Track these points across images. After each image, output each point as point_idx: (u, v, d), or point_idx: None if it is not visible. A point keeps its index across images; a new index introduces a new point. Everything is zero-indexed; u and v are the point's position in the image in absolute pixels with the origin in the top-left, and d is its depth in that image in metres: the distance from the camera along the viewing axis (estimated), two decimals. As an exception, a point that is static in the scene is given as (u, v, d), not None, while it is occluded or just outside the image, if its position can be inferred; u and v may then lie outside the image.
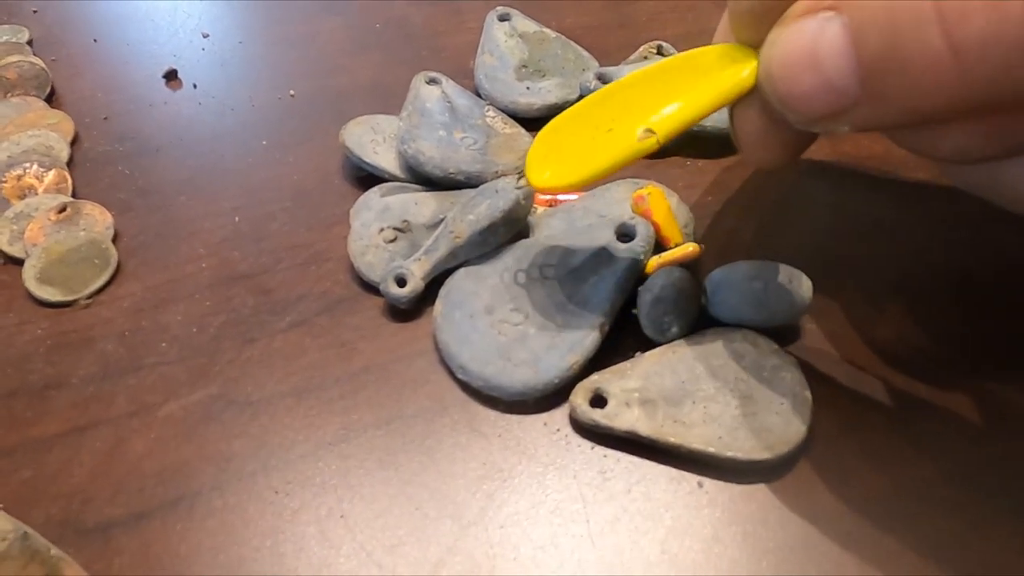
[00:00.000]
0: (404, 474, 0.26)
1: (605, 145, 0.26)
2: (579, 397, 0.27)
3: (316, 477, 0.26)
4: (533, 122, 0.37)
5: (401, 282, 0.30)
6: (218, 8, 0.47)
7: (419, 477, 0.26)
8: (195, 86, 0.41)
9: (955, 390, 0.28)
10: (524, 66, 0.40)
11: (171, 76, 0.42)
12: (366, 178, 0.35)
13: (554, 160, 0.27)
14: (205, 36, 0.45)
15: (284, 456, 0.27)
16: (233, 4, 0.47)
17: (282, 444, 0.27)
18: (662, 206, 0.31)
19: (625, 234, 0.30)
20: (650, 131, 0.25)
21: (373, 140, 0.36)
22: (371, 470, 0.26)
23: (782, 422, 0.26)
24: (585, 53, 0.41)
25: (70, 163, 0.37)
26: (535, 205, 0.34)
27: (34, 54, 0.42)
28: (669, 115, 0.25)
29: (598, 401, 0.27)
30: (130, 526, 0.25)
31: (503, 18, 0.43)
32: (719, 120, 0.33)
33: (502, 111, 0.38)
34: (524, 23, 0.43)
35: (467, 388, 0.28)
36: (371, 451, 0.27)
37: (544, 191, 0.30)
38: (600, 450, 0.27)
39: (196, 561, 0.24)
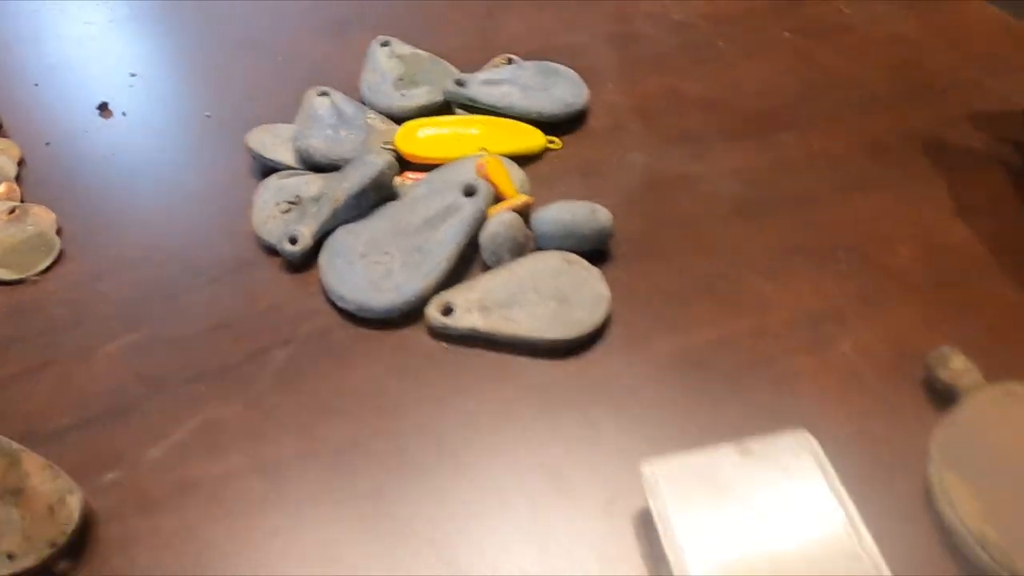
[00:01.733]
0: (309, 381, 0.34)
1: (455, 144, 0.36)
2: (432, 308, 0.35)
3: (228, 382, 0.33)
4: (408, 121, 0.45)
5: (293, 241, 0.38)
6: (145, 51, 0.55)
7: (319, 382, 0.34)
8: (124, 114, 0.49)
9: (722, 284, 0.36)
10: (401, 79, 0.49)
11: (103, 107, 0.50)
12: (268, 171, 0.43)
13: (414, 140, 0.36)
14: (133, 75, 0.52)
15: (201, 369, 0.34)
16: (159, 44, 0.55)
17: (199, 364, 0.34)
18: (499, 170, 0.40)
19: (469, 191, 0.38)
20: (484, 150, 0.34)
21: (273, 142, 0.44)
22: (277, 381, 0.34)
23: (587, 315, 0.34)
24: (452, 67, 0.50)
25: (18, 178, 0.44)
26: (405, 180, 0.42)
27: (-16, 98, 0.50)
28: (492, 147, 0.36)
29: (447, 311, 0.35)
30: (80, 429, 0.32)
31: (384, 44, 0.51)
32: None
33: (382, 114, 0.46)
34: (401, 47, 0.51)
35: (346, 314, 0.36)
36: (275, 367, 0.34)
37: (405, 154, 0.38)
38: (451, 348, 0.34)
39: (131, 450, 0.31)
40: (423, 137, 0.43)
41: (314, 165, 0.42)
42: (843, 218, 0.39)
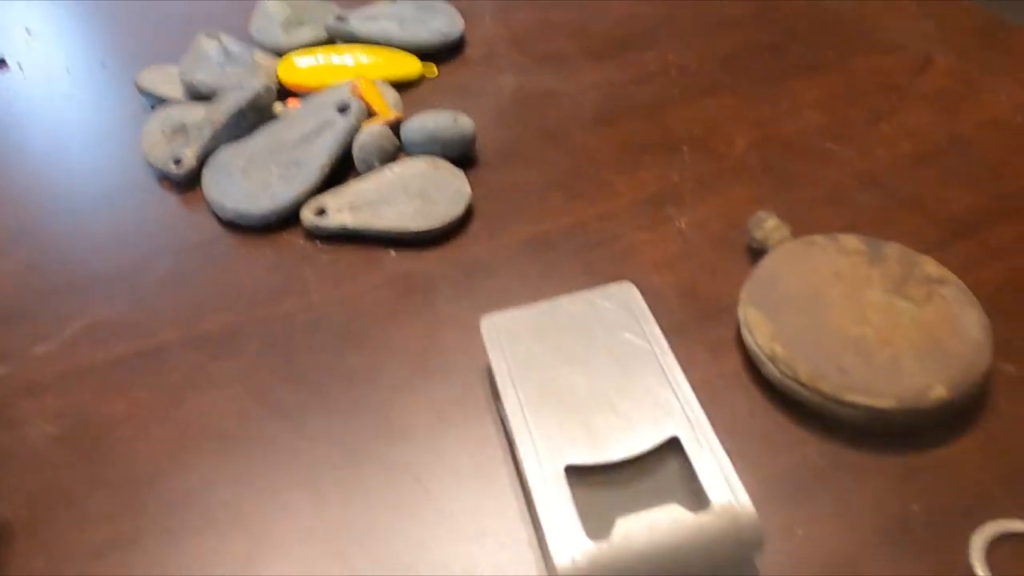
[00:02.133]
0: (192, 283, 0.36)
1: (334, 72, 0.41)
2: (307, 211, 0.38)
3: (116, 287, 0.36)
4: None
5: (178, 162, 0.40)
6: (41, 9, 0.56)
7: (202, 284, 0.36)
8: (20, 66, 0.51)
9: (576, 179, 0.40)
10: (288, 21, 0.51)
11: (0, 62, 0.51)
12: (158, 107, 0.45)
13: (294, 70, 0.40)
14: (29, 31, 0.54)
15: (91, 279, 0.36)
16: (54, 4, 0.57)
17: (89, 274, 0.36)
18: (372, 91, 0.43)
19: (342, 108, 0.41)
20: (360, 77, 0.37)
21: (163, 80, 0.46)
22: (162, 284, 0.36)
23: (449, 209, 0.37)
24: (337, 8, 0.53)
25: (-86, 126, 0.46)
26: (288, 106, 0.44)
27: None
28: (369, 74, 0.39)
29: (320, 212, 0.38)
30: (-31, 333, 0.34)
31: (274, -9, 0.54)
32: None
33: (268, 51, 0.49)
34: (291, -7, 0.54)
35: (228, 224, 0.39)
36: (161, 273, 0.37)
37: (287, 83, 0.41)
38: (325, 245, 0.37)
39: (20, 347, 0.33)
40: (303, 67, 0.46)
41: (200, 97, 0.45)
42: (690, 119, 0.43)
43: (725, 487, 0.24)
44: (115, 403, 0.31)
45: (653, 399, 0.27)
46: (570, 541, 0.23)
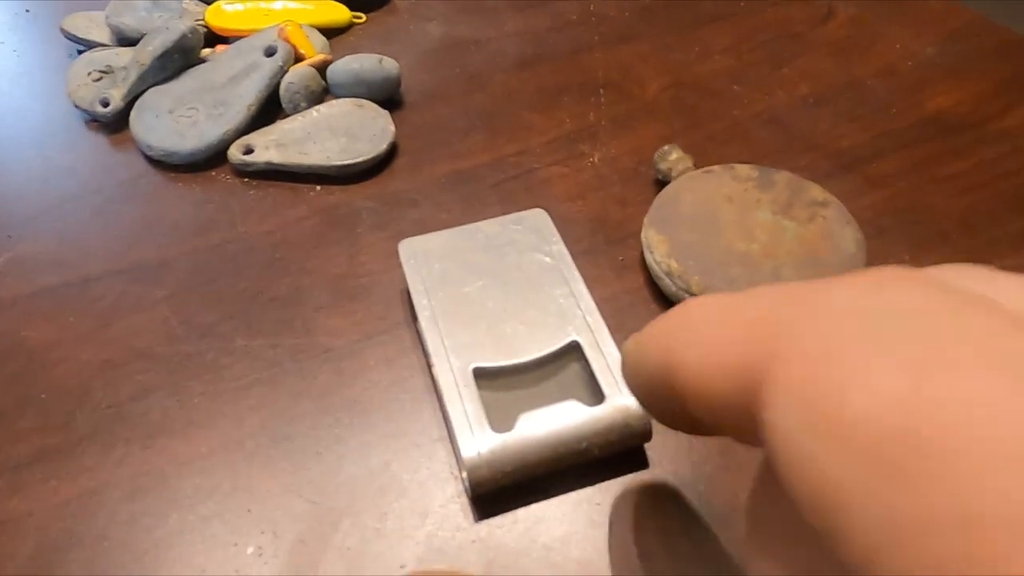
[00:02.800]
0: (120, 219, 0.37)
1: (262, 17, 0.43)
2: (234, 149, 0.39)
3: (41, 225, 0.36)
4: (217, 2, 0.48)
5: (105, 104, 0.41)
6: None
7: (130, 219, 0.37)
8: (-60, 12, 0.50)
9: (497, 119, 0.42)
10: (216, -30, 0.51)
11: (-82, 7, 0.50)
12: (85, 52, 0.46)
13: (222, 14, 0.42)
14: (-52, -22, 0.53)
15: (13, 218, 0.37)
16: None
17: (12, 213, 0.37)
18: (299, 35, 0.43)
19: (270, 52, 0.42)
20: (288, 21, 0.39)
21: (88, 25, 0.46)
22: (89, 221, 0.37)
23: (372, 146, 0.39)
24: (267, -42, 0.53)
25: None
26: (217, 50, 0.45)
27: None
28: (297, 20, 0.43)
29: (247, 151, 0.39)
30: None
31: (202, -60, 0.54)
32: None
33: (196, -1, 0.49)
34: (219, -58, 0.54)
35: (155, 163, 0.39)
36: (89, 210, 0.37)
37: (215, 28, 0.42)
38: (251, 182, 0.38)
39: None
40: (231, 11, 0.46)
41: (126, 41, 0.45)
42: (607, 64, 0.45)
43: (619, 385, 0.26)
44: (43, 329, 0.32)
45: (557, 309, 0.29)
46: (477, 435, 0.25)
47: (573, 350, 0.28)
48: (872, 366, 0.10)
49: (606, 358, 0.27)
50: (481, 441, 0.25)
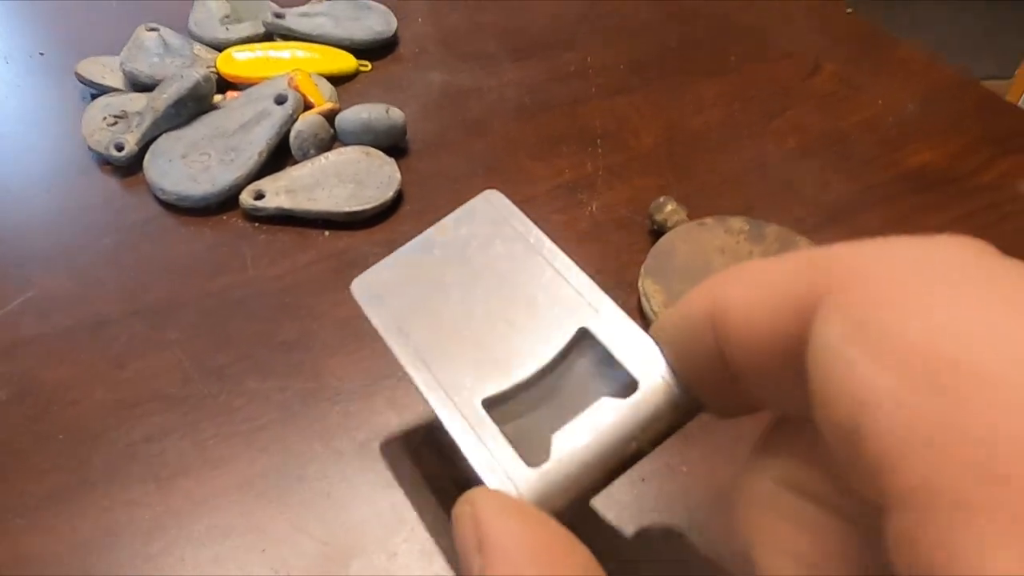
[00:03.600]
0: (133, 259, 0.38)
1: (271, 65, 0.45)
2: (246, 195, 0.40)
3: (57, 263, 0.38)
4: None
5: (120, 148, 0.42)
6: (-25, 1, 0.57)
7: (143, 259, 0.38)
8: (-44, 54, 0.51)
9: (499, 166, 0.43)
10: (227, 16, 0.53)
11: (-65, 49, 0.52)
12: (98, 96, 0.47)
13: (233, 62, 0.43)
14: (-36, 20, 0.55)
15: (31, 254, 0.38)
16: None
17: (29, 250, 0.38)
18: (308, 83, 0.45)
19: (280, 100, 0.44)
20: (297, 70, 0.40)
21: (102, 70, 0.48)
22: (104, 260, 0.38)
23: (379, 192, 0.40)
24: (274, 5, 0.55)
25: None
26: (227, 97, 0.46)
27: None
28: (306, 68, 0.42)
29: (258, 196, 0.40)
30: (-88, 306, 0.35)
31: (213, -12, 0.56)
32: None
33: (207, 45, 0.51)
34: (229, -10, 0.56)
35: (168, 206, 0.41)
36: (103, 249, 0.38)
37: (225, 75, 0.43)
38: (262, 226, 0.40)
39: None
40: (242, 60, 0.48)
41: (140, 87, 0.47)
42: (604, 115, 0.47)
43: (647, 363, 0.21)
44: (60, 369, 0.33)
45: (548, 297, 0.24)
46: (513, 477, 0.21)
47: (583, 338, 0.23)
48: (928, 297, 0.11)
49: (622, 335, 0.22)
50: (520, 483, 0.20)
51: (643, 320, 0.35)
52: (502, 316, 0.24)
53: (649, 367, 0.21)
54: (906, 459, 0.10)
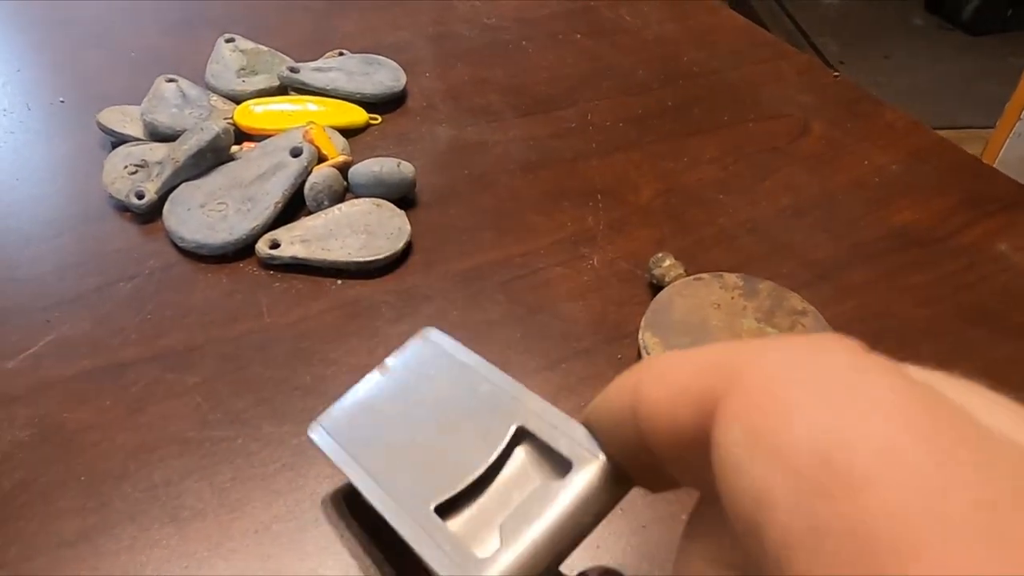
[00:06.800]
0: (152, 305, 0.40)
1: (287, 118, 0.47)
2: (262, 244, 0.42)
3: (79, 308, 0.39)
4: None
5: (140, 196, 0.44)
6: (0, 43, 0.59)
7: (161, 306, 0.40)
8: (-21, 100, 0.53)
9: (504, 220, 0.45)
10: (242, 68, 0.55)
11: (-41, 95, 0.54)
12: (117, 145, 0.49)
13: (251, 114, 0.46)
14: (-13, 67, 0.57)
15: (55, 300, 0.39)
16: (12, 41, 0.60)
17: (52, 295, 0.40)
18: (322, 136, 0.47)
19: (295, 153, 0.46)
20: (312, 123, 0.42)
21: (122, 120, 0.50)
22: (124, 306, 0.39)
23: (390, 243, 0.42)
24: (289, 59, 0.57)
25: None
26: (244, 148, 0.48)
27: None
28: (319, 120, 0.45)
29: (274, 246, 0.42)
30: (-62, 348, 0.37)
31: (229, 40, 0.58)
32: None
33: (224, 96, 0.53)
34: (245, 43, 0.58)
35: (186, 253, 0.42)
36: (122, 296, 0.40)
37: (243, 127, 0.45)
38: (276, 274, 0.41)
39: None
40: (259, 112, 0.50)
41: (160, 137, 0.48)
42: (603, 171, 0.49)
43: (578, 445, 0.23)
44: (81, 412, 0.35)
45: (487, 407, 0.27)
46: (465, 572, 0.23)
47: (521, 435, 0.26)
48: (807, 404, 0.13)
49: (553, 426, 0.25)
50: (475, 573, 0.23)
51: (643, 371, 0.37)
52: (447, 430, 0.27)
53: (581, 449, 0.23)
54: (796, 554, 0.12)
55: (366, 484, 0.27)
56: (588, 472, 0.23)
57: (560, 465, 0.24)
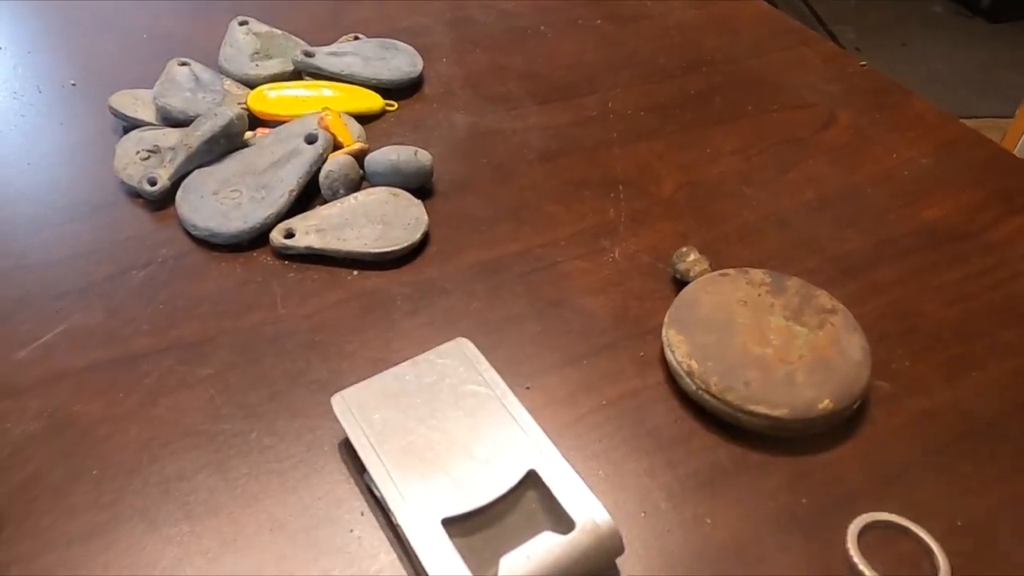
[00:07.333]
0: (164, 295, 0.39)
1: (302, 104, 0.46)
2: (276, 233, 0.41)
3: (91, 298, 0.38)
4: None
5: (152, 182, 0.43)
6: (13, 29, 0.58)
7: (174, 295, 0.39)
8: (-10, 82, 0.53)
9: (523, 210, 0.44)
10: (256, 52, 0.54)
11: (-31, 77, 0.53)
12: (130, 129, 0.48)
13: (265, 100, 0.46)
14: (0, 48, 0.56)
15: (66, 288, 0.39)
16: (25, 22, 0.59)
17: (64, 284, 0.39)
18: (338, 123, 0.46)
19: (310, 140, 0.45)
20: (327, 109, 0.42)
21: (134, 103, 0.49)
22: (136, 295, 0.39)
23: (407, 233, 0.41)
24: (303, 43, 0.56)
25: None
26: (258, 134, 0.47)
27: None
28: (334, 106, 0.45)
29: (289, 235, 0.41)
30: (-52, 336, 0.36)
31: (243, 23, 0.57)
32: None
33: (237, 81, 0.52)
34: (258, 26, 0.57)
35: (199, 241, 0.41)
36: (135, 285, 0.39)
37: (256, 112, 0.44)
38: (291, 264, 0.41)
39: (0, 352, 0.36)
40: (273, 97, 0.49)
41: (172, 121, 0.48)
42: (625, 161, 0.48)
43: (584, 506, 0.28)
44: (94, 404, 0.34)
45: (505, 440, 0.30)
46: None
47: (531, 478, 0.29)
48: None
49: (563, 481, 0.28)
50: None
51: (666, 371, 0.36)
52: (464, 450, 0.30)
53: (584, 511, 0.27)
54: None
55: (381, 476, 0.29)
56: (587, 536, 0.27)
57: (563, 520, 0.28)
